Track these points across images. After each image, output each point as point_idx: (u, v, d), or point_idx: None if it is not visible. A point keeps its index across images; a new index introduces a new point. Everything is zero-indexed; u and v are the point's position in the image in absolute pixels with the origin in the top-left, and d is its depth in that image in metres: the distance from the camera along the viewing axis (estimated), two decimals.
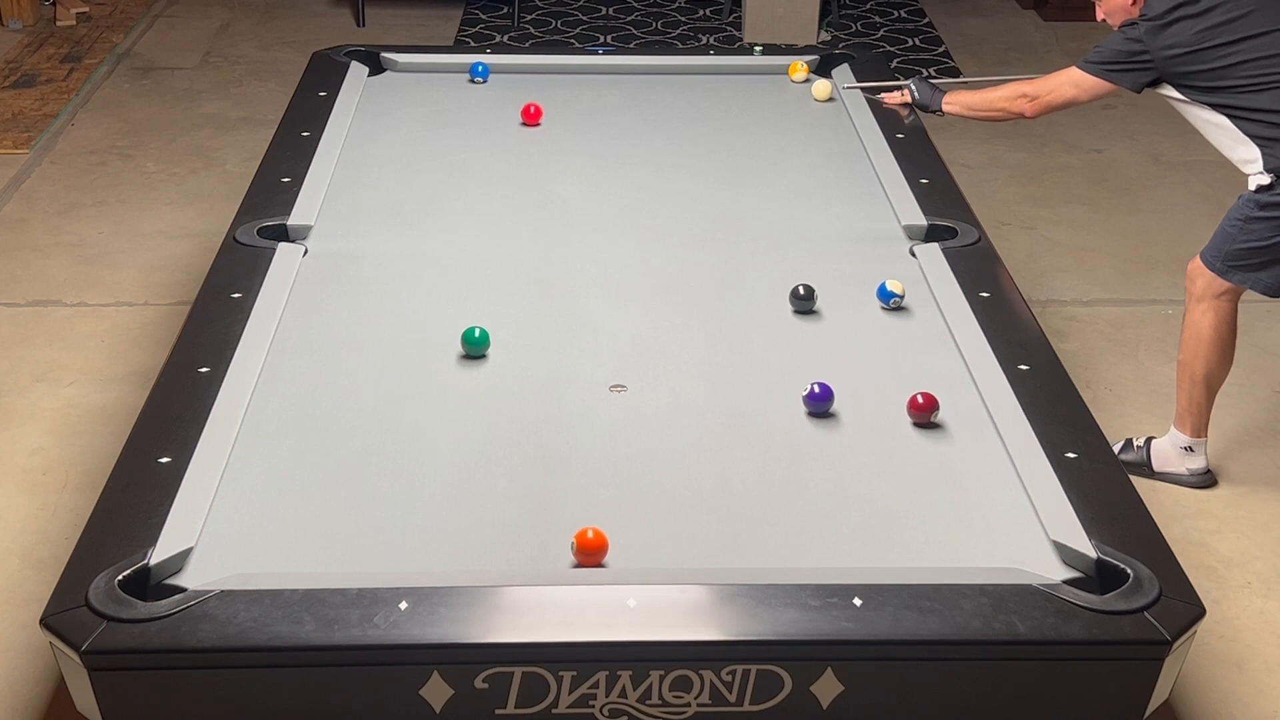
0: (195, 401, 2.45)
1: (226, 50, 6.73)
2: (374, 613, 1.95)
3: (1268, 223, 3.31)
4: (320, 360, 2.66)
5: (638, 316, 2.83)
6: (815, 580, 2.03)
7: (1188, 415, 3.57)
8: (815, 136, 3.73)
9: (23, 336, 4.26)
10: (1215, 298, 3.46)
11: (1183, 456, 3.59)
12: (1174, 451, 3.61)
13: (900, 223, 3.17)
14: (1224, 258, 3.40)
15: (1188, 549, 3.36)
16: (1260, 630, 3.18)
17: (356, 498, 2.26)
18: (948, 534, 2.21)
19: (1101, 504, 2.22)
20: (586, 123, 3.77)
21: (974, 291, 2.86)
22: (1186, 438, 3.58)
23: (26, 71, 6.31)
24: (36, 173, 5.38)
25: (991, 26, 7.02)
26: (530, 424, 2.46)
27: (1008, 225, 4.99)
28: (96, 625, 1.93)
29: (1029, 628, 1.96)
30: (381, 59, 4.10)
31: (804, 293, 2.83)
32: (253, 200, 3.23)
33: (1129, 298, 4.56)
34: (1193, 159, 5.59)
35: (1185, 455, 3.59)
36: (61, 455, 3.70)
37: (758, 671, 1.94)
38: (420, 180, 3.42)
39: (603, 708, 1.96)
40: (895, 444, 2.43)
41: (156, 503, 2.18)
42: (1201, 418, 3.56)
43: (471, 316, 2.72)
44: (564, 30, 6.99)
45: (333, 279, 2.95)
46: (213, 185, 5.29)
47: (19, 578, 3.26)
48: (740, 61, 4.23)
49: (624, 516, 2.21)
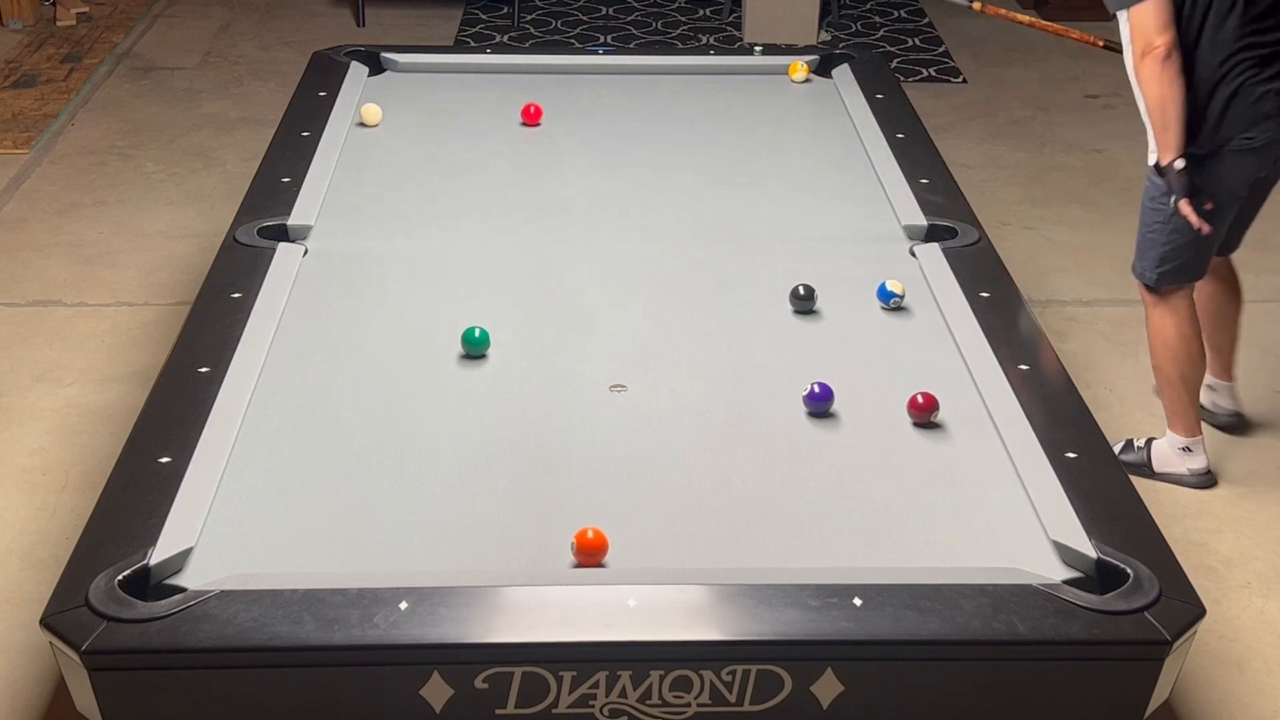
0: (195, 401, 2.45)
1: (226, 50, 6.73)
2: (374, 613, 1.95)
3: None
4: (320, 360, 2.66)
5: (638, 316, 2.83)
6: (815, 580, 2.03)
7: (1176, 416, 3.57)
8: (815, 136, 3.73)
9: (23, 336, 4.26)
10: (1167, 300, 3.45)
11: (1182, 457, 3.59)
12: (1173, 453, 3.60)
13: (900, 223, 3.17)
14: (1152, 265, 3.39)
15: (1188, 549, 3.36)
16: (1260, 630, 3.18)
17: (356, 498, 2.26)
18: (948, 534, 2.21)
19: (1101, 504, 2.22)
20: (586, 123, 3.77)
21: (974, 291, 2.86)
22: (1182, 438, 3.58)
23: (26, 71, 6.31)
24: (36, 173, 5.38)
25: (992, 26, 7.01)
26: (530, 424, 2.46)
27: (1008, 225, 4.99)
28: (96, 625, 1.93)
29: (1029, 628, 1.96)
30: (381, 59, 4.10)
31: (804, 293, 2.83)
32: (253, 200, 3.23)
33: (1129, 298, 4.56)
34: None
35: (1184, 456, 3.59)
36: (61, 455, 3.70)
37: (758, 671, 1.94)
38: (420, 180, 3.42)
39: (603, 708, 1.96)
40: (895, 444, 2.43)
41: (156, 503, 2.18)
42: (1190, 416, 3.56)
43: (471, 316, 2.72)
44: (564, 30, 6.99)
45: (333, 279, 2.95)
46: (213, 185, 5.29)
47: (19, 578, 3.26)
48: (740, 61, 4.23)
49: (624, 516, 2.21)
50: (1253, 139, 3.23)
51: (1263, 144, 3.25)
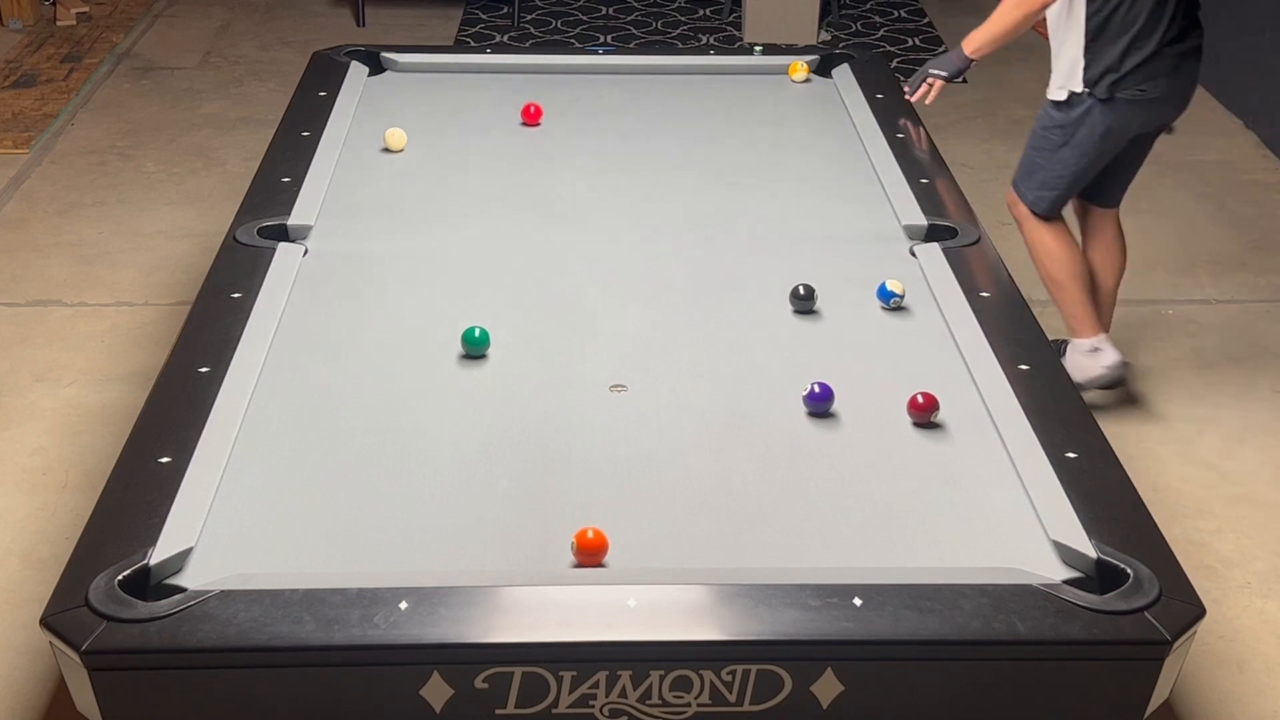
0: (195, 401, 2.45)
1: (226, 50, 6.73)
2: (374, 613, 1.95)
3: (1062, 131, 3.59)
4: (320, 360, 2.66)
5: (638, 316, 2.83)
6: (815, 580, 2.03)
7: (1076, 320, 3.72)
8: (815, 136, 3.73)
9: (23, 336, 4.26)
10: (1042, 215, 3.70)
11: (1094, 358, 3.71)
12: (1085, 359, 3.72)
13: (900, 223, 3.17)
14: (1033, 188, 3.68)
15: (1188, 549, 3.36)
16: (1260, 630, 3.18)
17: (356, 498, 2.26)
18: (948, 534, 2.21)
19: (1101, 504, 2.22)
20: (586, 123, 3.77)
21: (974, 291, 2.86)
22: (1088, 340, 3.71)
23: (26, 71, 6.31)
24: (36, 173, 5.38)
25: None
26: (530, 424, 2.46)
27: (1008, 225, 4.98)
28: (96, 625, 1.93)
29: (1029, 628, 1.96)
30: (381, 59, 4.10)
31: (804, 293, 2.83)
32: (253, 200, 3.23)
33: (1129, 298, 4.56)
34: (1193, 159, 5.59)
35: (1095, 355, 3.71)
36: (61, 455, 3.70)
37: (758, 671, 1.94)
38: (420, 180, 3.42)
39: (603, 708, 1.96)
40: (895, 444, 2.43)
41: (156, 503, 2.18)
42: (1089, 315, 3.71)
43: (471, 316, 2.72)
44: (564, 30, 6.99)
45: (333, 279, 2.95)
46: (213, 185, 5.29)
47: (19, 578, 3.26)
48: (740, 61, 4.23)
49: (624, 516, 2.21)
50: (1145, 91, 3.53)
51: (1153, 98, 3.54)
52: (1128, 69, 3.49)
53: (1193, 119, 5.94)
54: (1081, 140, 3.59)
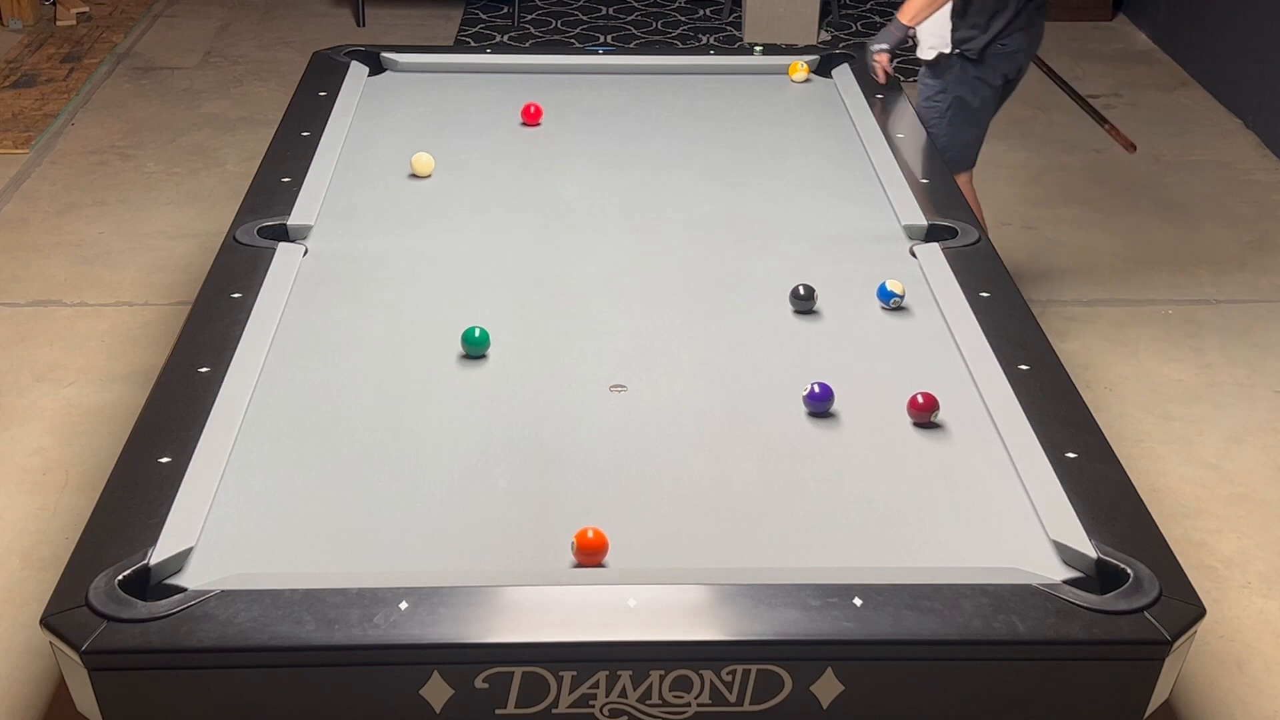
0: (195, 401, 2.45)
1: (226, 50, 6.73)
2: (374, 613, 1.95)
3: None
4: (320, 360, 2.66)
5: (638, 316, 2.83)
6: (815, 580, 2.03)
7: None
8: (815, 136, 3.73)
9: (23, 336, 4.26)
10: None
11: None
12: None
13: (900, 223, 3.17)
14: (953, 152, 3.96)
15: (1188, 549, 3.37)
16: (1260, 630, 3.18)
17: (356, 498, 2.26)
18: (948, 534, 2.21)
19: (1101, 504, 2.22)
20: (586, 123, 3.77)
21: (974, 291, 2.86)
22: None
23: (26, 71, 6.31)
24: (36, 173, 5.38)
25: None
26: (530, 424, 2.46)
27: (1008, 225, 4.99)
28: (96, 625, 1.93)
29: (1029, 628, 1.96)
30: (381, 59, 4.10)
31: (804, 293, 2.83)
32: (253, 200, 3.22)
33: (1129, 298, 4.57)
34: (1193, 159, 5.59)
35: None
36: (61, 455, 3.70)
37: (758, 671, 1.94)
38: (420, 180, 3.42)
39: (603, 708, 1.96)
40: (895, 444, 2.43)
41: (156, 503, 2.18)
42: None
43: (472, 316, 2.72)
44: (564, 30, 7.00)
45: (333, 279, 2.95)
46: (213, 185, 5.29)
47: (19, 578, 3.27)
48: (740, 61, 4.23)
49: (624, 516, 2.21)
50: (1006, 45, 3.94)
51: (1012, 50, 3.96)
52: (995, 30, 3.89)
53: (1193, 119, 5.96)
54: (962, 93, 3.99)
